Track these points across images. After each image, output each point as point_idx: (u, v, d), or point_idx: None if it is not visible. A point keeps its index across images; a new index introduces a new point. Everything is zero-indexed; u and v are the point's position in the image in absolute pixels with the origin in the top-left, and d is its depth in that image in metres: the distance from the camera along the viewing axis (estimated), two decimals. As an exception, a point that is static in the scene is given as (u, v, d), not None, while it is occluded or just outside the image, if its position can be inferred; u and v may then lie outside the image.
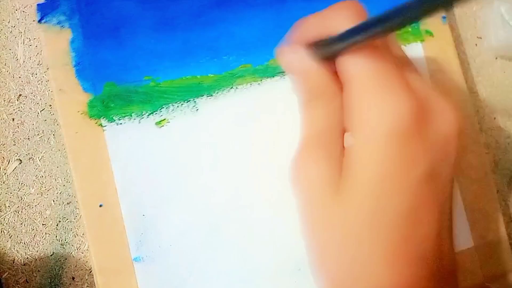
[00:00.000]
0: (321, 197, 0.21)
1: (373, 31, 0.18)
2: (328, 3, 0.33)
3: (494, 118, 0.37)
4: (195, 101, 0.32)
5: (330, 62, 0.22)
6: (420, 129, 0.20)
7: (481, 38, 0.37)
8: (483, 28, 0.37)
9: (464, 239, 0.33)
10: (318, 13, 0.23)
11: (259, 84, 0.32)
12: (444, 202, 0.21)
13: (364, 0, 0.22)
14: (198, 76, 0.32)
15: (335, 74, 0.22)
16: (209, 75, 0.32)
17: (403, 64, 0.23)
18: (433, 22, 0.34)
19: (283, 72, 0.33)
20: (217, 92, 0.32)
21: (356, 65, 0.20)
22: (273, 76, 0.33)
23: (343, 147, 0.22)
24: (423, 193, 0.20)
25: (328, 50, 0.22)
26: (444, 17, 0.35)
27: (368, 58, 0.20)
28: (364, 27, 0.19)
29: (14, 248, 0.32)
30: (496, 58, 0.37)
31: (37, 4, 0.31)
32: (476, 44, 0.37)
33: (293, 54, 0.23)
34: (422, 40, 0.34)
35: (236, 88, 0.32)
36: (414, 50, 0.34)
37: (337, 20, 0.21)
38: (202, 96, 0.32)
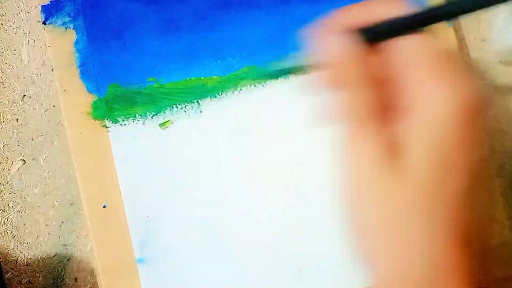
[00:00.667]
0: (374, 172, 0.21)
1: (433, 18, 0.19)
2: (332, 5, 0.33)
3: (498, 121, 0.37)
4: (199, 103, 0.32)
5: (372, 47, 0.22)
6: (474, 118, 0.20)
7: (485, 40, 0.37)
8: (487, 31, 0.37)
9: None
10: (363, 2, 0.24)
11: (263, 86, 0.32)
12: (493, 189, 0.22)
13: None
14: (202, 78, 0.32)
15: (383, 55, 0.22)
16: (213, 76, 0.32)
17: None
18: (438, 24, 0.34)
19: (287, 73, 0.33)
20: (221, 94, 0.32)
21: (415, 49, 0.21)
22: (277, 78, 0.33)
23: (389, 124, 0.22)
24: (478, 175, 0.20)
25: (376, 35, 0.22)
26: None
27: (426, 43, 0.21)
28: (425, 13, 0.20)
29: (17, 249, 0.32)
30: (500, 62, 0.37)
31: (42, 6, 0.31)
32: (480, 47, 0.37)
33: (336, 37, 0.23)
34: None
35: (240, 90, 0.32)
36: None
37: (386, 7, 0.22)
38: (206, 97, 0.32)
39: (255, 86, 0.32)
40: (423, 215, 0.20)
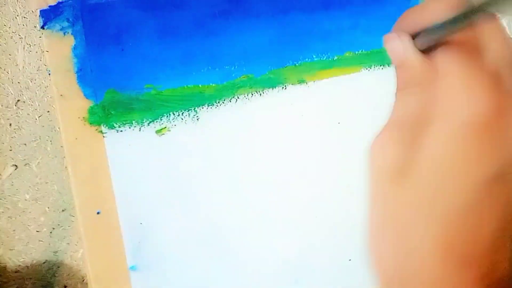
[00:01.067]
0: (389, 177, 0.21)
1: (465, 21, 0.19)
2: (329, 16, 0.34)
3: None
4: (196, 110, 0.32)
5: (429, 53, 0.23)
6: (496, 127, 0.20)
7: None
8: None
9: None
10: (420, 4, 0.23)
11: (260, 94, 0.33)
12: (510, 208, 0.21)
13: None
14: (199, 85, 0.32)
15: (432, 64, 0.22)
16: (210, 84, 0.32)
17: (502, 59, 0.23)
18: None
19: (284, 83, 0.33)
20: (218, 102, 0.32)
21: (445, 62, 0.21)
22: (275, 87, 0.33)
23: (422, 135, 0.22)
24: (487, 192, 0.20)
25: (426, 40, 0.22)
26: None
27: (457, 56, 0.20)
28: (458, 17, 0.20)
29: (6, 255, 0.31)
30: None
31: (40, 10, 0.31)
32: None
33: (398, 41, 0.23)
34: None
35: (237, 98, 0.32)
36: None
37: (435, 11, 0.22)
38: (203, 105, 0.32)
39: (252, 94, 0.33)
40: (424, 226, 0.20)
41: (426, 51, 0.23)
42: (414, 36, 0.24)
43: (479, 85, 0.20)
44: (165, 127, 0.31)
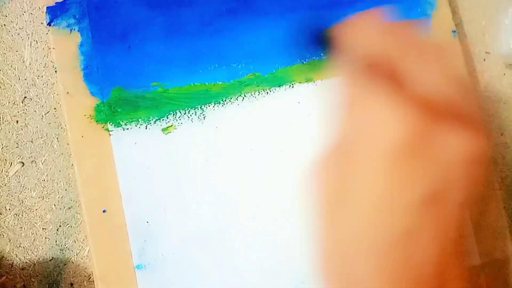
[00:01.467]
0: (329, 208, 0.21)
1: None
2: (338, 13, 0.33)
3: (501, 134, 0.37)
4: (202, 108, 0.32)
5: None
6: (423, 151, 0.19)
7: (489, 53, 0.37)
8: (491, 43, 0.37)
9: (471, 256, 0.33)
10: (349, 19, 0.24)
11: (267, 93, 0.32)
12: (450, 227, 0.20)
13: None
14: (206, 83, 0.32)
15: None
16: (217, 82, 0.32)
17: (434, 87, 0.22)
18: (443, 36, 0.34)
19: (292, 81, 0.32)
20: (225, 100, 0.32)
21: (351, 85, 0.20)
22: (282, 85, 0.32)
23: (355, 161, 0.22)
24: (422, 216, 0.19)
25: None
26: (454, 31, 0.35)
27: (379, 81, 0.20)
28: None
29: (13, 252, 0.31)
30: (504, 74, 0.37)
31: (47, 7, 0.31)
32: (484, 59, 0.37)
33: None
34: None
35: (244, 96, 0.32)
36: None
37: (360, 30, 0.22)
38: (210, 103, 0.32)
39: (259, 92, 0.32)
40: (364, 256, 0.19)
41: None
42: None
43: (401, 110, 0.19)
44: (171, 125, 0.31)
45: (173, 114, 0.31)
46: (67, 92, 0.30)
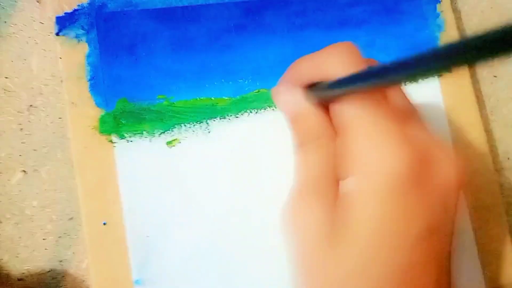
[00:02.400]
0: (317, 247, 0.20)
1: (372, 83, 0.18)
2: (345, 34, 0.34)
3: (508, 159, 0.36)
4: (207, 123, 0.31)
5: (324, 106, 0.21)
6: (419, 183, 0.19)
7: (496, 77, 0.37)
8: (499, 67, 0.37)
9: (476, 283, 0.32)
10: (313, 54, 0.22)
11: (273, 109, 0.32)
12: (443, 257, 0.20)
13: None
14: (212, 98, 0.32)
15: (329, 118, 0.21)
16: (223, 97, 0.32)
17: (405, 112, 0.22)
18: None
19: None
20: (231, 115, 0.32)
21: (353, 112, 0.19)
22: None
23: (337, 193, 0.21)
24: (421, 249, 0.19)
25: (323, 94, 0.21)
26: (462, 54, 0.35)
27: (366, 105, 0.19)
28: (363, 77, 0.18)
29: (10, 262, 0.31)
30: (512, 98, 0.37)
31: (56, 17, 0.31)
32: (491, 83, 0.37)
33: (288, 94, 0.22)
34: (440, 75, 0.34)
35: (250, 112, 0.32)
36: (432, 84, 0.34)
37: (331, 64, 0.20)
38: (215, 118, 0.32)
39: (265, 109, 0.32)
40: None
41: (325, 102, 0.21)
42: (309, 86, 0.22)
43: (393, 139, 0.19)
44: (176, 139, 0.31)
45: (178, 128, 0.31)
46: (72, 102, 0.30)
